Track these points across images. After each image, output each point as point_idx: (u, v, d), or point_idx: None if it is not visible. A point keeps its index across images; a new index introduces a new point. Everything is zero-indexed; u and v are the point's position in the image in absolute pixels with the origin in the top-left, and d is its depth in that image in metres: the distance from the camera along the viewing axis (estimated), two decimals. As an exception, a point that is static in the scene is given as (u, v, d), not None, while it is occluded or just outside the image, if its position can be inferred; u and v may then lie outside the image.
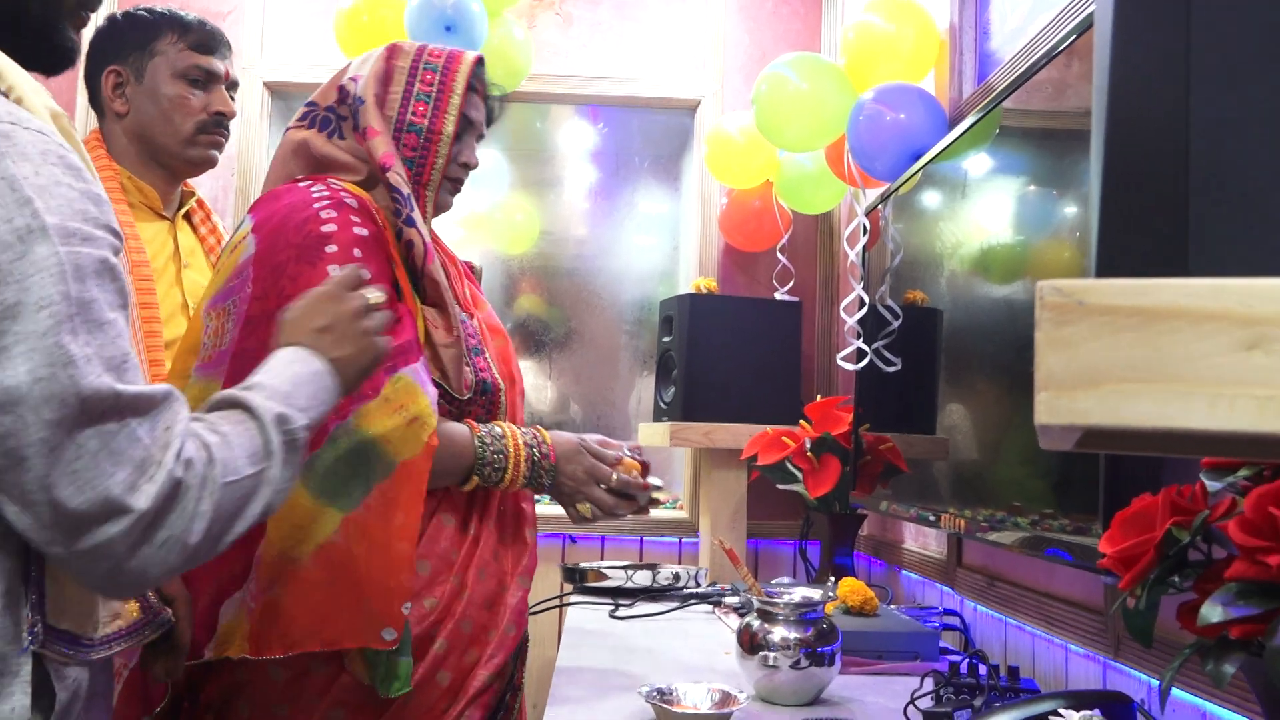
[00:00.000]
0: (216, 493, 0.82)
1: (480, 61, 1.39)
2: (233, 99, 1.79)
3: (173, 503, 0.78)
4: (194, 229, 1.83)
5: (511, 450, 1.27)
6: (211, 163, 1.77)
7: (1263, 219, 0.39)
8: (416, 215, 1.25)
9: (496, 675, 1.25)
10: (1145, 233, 0.38)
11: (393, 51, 1.35)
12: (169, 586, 1.03)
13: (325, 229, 1.18)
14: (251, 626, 1.09)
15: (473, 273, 1.56)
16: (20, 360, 0.71)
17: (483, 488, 1.27)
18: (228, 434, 0.85)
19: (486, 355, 1.33)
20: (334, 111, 1.34)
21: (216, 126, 1.74)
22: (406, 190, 1.25)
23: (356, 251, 1.19)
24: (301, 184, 1.27)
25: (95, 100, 1.74)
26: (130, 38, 1.71)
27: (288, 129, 1.36)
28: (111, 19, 1.74)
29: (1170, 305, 0.34)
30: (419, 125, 1.30)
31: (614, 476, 1.32)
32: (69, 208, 0.76)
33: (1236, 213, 0.40)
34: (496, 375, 1.33)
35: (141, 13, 1.72)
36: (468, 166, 1.38)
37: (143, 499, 0.76)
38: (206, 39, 1.72)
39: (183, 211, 1.81)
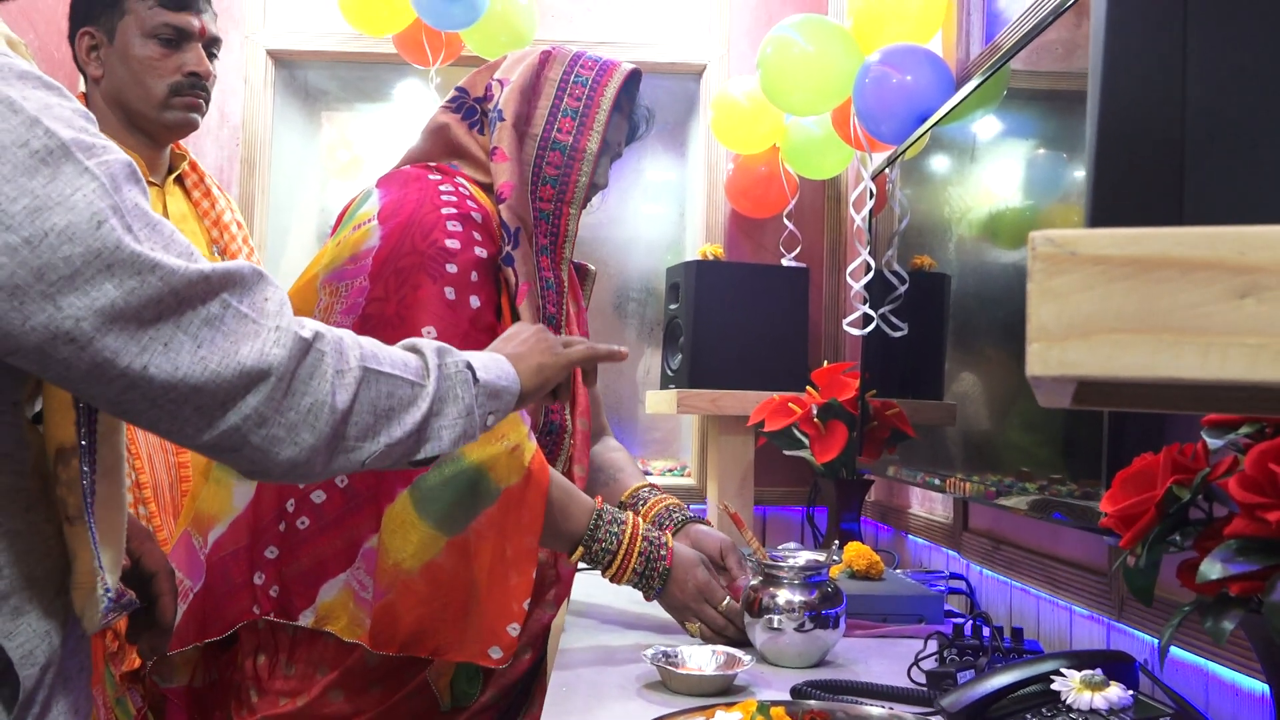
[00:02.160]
0: (357, 370, 0.82)
1: (633, 77, 1.39)
2: (214, 57, 1.70)
3: (305, 363, 0.78)
4: (186, 193, 1.76)
5: (627, 538, 1.28)
6: (191, 126, 1.68)
7: (1257, 171, 0.39)
8: (517, 254, 1.26)
9: (502, 694, 1.27)
10: (1139, 185, 0.38)
11: (546, 61, 1.36)
12: (150, 561, 0.97)
13: (449, 244, 1.21)
14: (372, 624, 1.12)
15: (584, 276, 1.56)
16: (102, 280, 0.68)
17: (595, 565, 1.28)
18: (376, 343, 0.88)
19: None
20: (480, 105, 1.36)
21: (192, 88, 1.64)
22: (515, 227, 1.26)
23: (474, 276, 1.22)
24: (432, 176, 1.29)
25: (77, 64, 1.68)
26: None
27: (441, 105, 1.39)
28: None
29: (1163, 254, 0.34)
30: (564, 143, 1.32)
31: (726, 601, 1.32)
32: (71, 124, 0.70)
33: (1231, 166, 0.39)
34: (566, 416, 1.35)
35: None
36: (597, 187, 1.39)
37: (274, 359, 0.76)
38: None
39: (174, 176, 1.74)
